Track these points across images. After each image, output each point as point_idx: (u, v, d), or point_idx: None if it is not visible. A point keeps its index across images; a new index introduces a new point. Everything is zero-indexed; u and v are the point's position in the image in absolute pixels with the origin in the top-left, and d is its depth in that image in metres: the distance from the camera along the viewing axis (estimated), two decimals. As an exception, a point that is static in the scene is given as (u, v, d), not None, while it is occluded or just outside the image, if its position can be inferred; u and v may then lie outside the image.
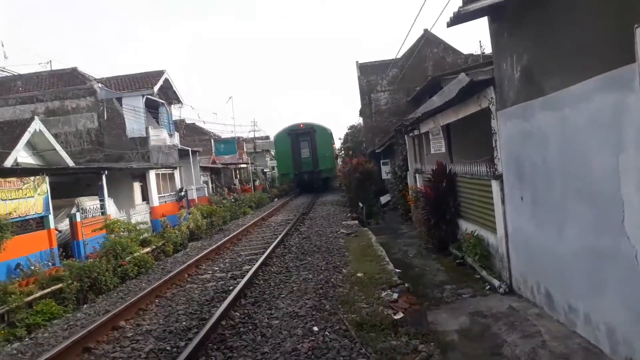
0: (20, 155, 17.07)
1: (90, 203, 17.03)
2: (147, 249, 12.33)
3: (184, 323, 6.86)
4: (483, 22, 7.92)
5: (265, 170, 49.93)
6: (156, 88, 24.38)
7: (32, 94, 23.09)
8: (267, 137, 60.11)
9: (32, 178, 13.80)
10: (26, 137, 17.17)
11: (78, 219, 15.83)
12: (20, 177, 13.32)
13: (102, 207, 17.53)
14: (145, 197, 22.91)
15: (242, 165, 40.76)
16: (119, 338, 6.51)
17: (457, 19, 7.45)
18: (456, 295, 8.12)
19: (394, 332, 5.99)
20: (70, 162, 18.92)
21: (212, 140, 38.90)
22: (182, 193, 25.83)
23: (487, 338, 6.35)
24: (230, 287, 8.69)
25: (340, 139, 79.55)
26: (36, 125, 17.66)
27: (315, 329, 6.04)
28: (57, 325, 7.46)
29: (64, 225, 15.55)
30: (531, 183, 6.71)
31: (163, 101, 26.67)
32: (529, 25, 6.37)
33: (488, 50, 30.28)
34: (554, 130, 5.81)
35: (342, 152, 73.79)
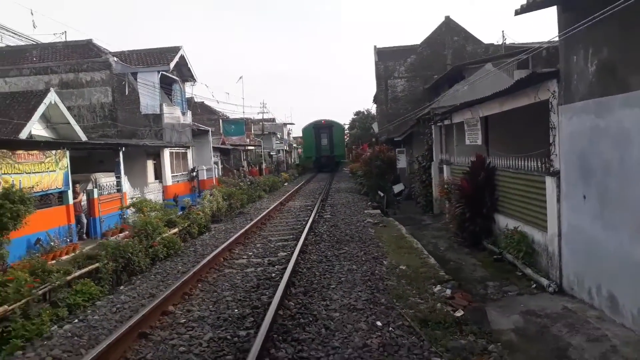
0: (35, 127, 16.81)
1: (105, 179, 16.86)
2: (175, 230, 12.19)
3: (236, 311, 6.74)
4: (507, 12, 7.68)
5: (271, 153, 49.64)
6: (172, 64, 24.06)
7: (47, 65, 22.70)
8: (274, 120, 59.79)
9: (53, 152, 13.60)
10: (41, 109, 16.88)
11: (95, 195, 15.68)
12: (42, 151, 13.13)
13: (118, 184, 17.38)
14: (158, 175, 22.75)
15: (250, 148, 40.50)
16: (173, 324, 6.38)
17: (530, 7, 7.24)
18: (502, 293, 8.02)
19: (459, 330, 5.89)
20: (83, 137, 18.67)
21: (221, 121, 38.59)
22: (194, 173, 25.68)
23: (548, 340, 6.25)
24: (273, 275, 8.59)
25: (345, 124, 79.57)
26: (52, 97, 17.36)
27: (379, 323, 5.93)
28: (104, 308, 7.32)
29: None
30: (600, 182, 6.55)
31: (177, 78, 26.34)
32: (615, 16, 6.12)
33: (509, 40, 29.95)
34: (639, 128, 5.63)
35: (348, 137, 74.06)
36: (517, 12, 7.55)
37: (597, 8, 6.47)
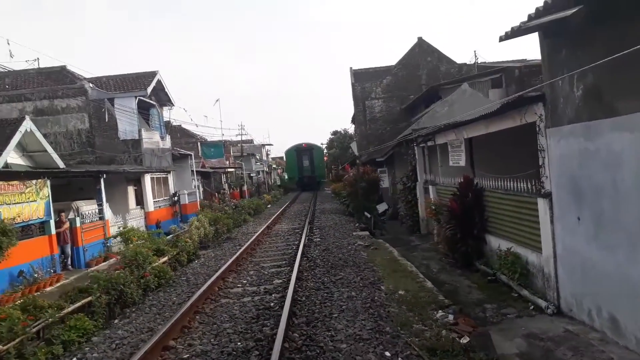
0: (10, 156, 16.42)
1: (87, 207, 16.54)
2: (164, 259, 12.00)
3: (239, 344, 6.63)
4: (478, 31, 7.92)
5: (251, 174, 49.49)
6: (149, 89, 23.97)
7: (20, 92, 22.33)
8: (252, 141, 59.87)
9: (33, 182, 13.31)
10: (17, 137, 16.48)
11: (78, 224, 15.35)
12: (22, 181, 12.83)
13: (100, 211, 17.06)
14: (140, 201, 22.42)
15: (230, 170, 40.31)
16: (177, 360, 6.25)
17: (514, 34, 7.49)
18: (501, 315, 8.09)
19: (467, 357, 5.92)
20: (61, 164, 18.25)
21: (199, 144, 38.44)
22: (176, 198, 25.41)
23: (555, 364, 6.31)
24: (272, 304, 8.50)
25: (322, 144, 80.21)
26: (27, 124, 16.98)
27: (388, 354, 5.92)
28: (102, 344, 7.11)
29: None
30: (593, 204, 6.70)
31: (155, 103, 26.20)
32: (598, 42, 6.36)
33: (481, 59, 30.82)
34: (630, 151, 5.83)
35: (327, 158, 74.71)
36: (501, 39, 7.79)
37: (579, 35, 6.76)
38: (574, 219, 7.25)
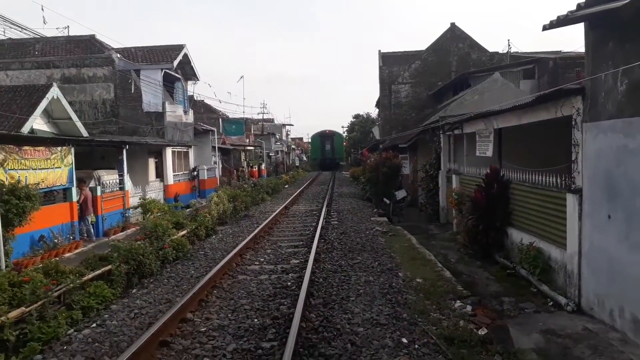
0: (36, 122, 16.68)
1: (108, 177, 16.77)
2: (183, 232, 12.13)
3: (256, 320, 6.68)
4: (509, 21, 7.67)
5: (270, 154, 49.63)
6: (175, 62, 24.05)
7: (49, 59, 22.59)
8: (273, 120, 59.98)
9: (59, 148, 13.50)
10: (44, 103, 16.75)
11: (99, 192, 15.59)
12: (48, 147, 13.03)
13: (121, 182, 17.30)
14: (159, 174, 22.68)
15: (250, 148, 40.45)
16: (193, 333, 6.32)
17: (559, 23, 7.25)
18: (518, 309, 8.02)
19: (484, 349, 5.88)
20: (84, 133, 18.53)
21: (221, 120, 38.53)
22: (195, 173, 25.64)
23: (572, 362, 6.24)
24: (289, 283, 8.55)
25: (343, 127, 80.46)
26: (54, 92, 17.22)
27: (404, 340, 5.91)
28: (121, 313, 7.23)
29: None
30: (627, 203, 6.55)
31: (180, 76, 26.30)
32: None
33: (514, 49, 30.12)
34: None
35: (346, 143, 75.01)
36: (545, 28, 7.56)
37: (629, 27, 6.50)
38: (605, 216, 7.09)
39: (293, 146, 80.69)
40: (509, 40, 49.67)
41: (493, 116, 11.39)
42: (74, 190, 14.04)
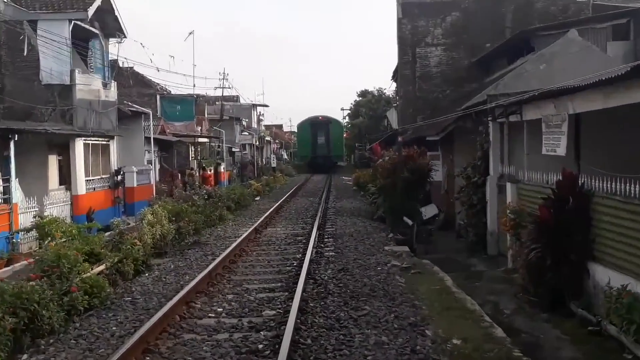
0: None
1: (-18, 184, 16.71)
2: (100, 267, 12.10)
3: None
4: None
5: (234, 149, 49.74)
6: (91, 10, 23.96)
7: None
8: (236, 99, 60.18)
9: None
10: None
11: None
12: None
13: (6, 191, 17.22)
14: (65, 179, 22.65)
15: (203, 140, 40.52)
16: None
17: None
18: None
19: None
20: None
21: (159, 97, 38.56)
22: (120, 177, 25.63)
23: None
24: (260, 346, 8.51)
25: (343, 109, 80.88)
26: None
27: None
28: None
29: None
30: None
31: (98, 32, 26.20)
32: None
33: (600, -3, 30.54)
34: None
35: (347, 133, 75.56)
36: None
37: None
38: None
39: (268, 138, 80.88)
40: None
41: (567, 95, 11.50)
42: None
